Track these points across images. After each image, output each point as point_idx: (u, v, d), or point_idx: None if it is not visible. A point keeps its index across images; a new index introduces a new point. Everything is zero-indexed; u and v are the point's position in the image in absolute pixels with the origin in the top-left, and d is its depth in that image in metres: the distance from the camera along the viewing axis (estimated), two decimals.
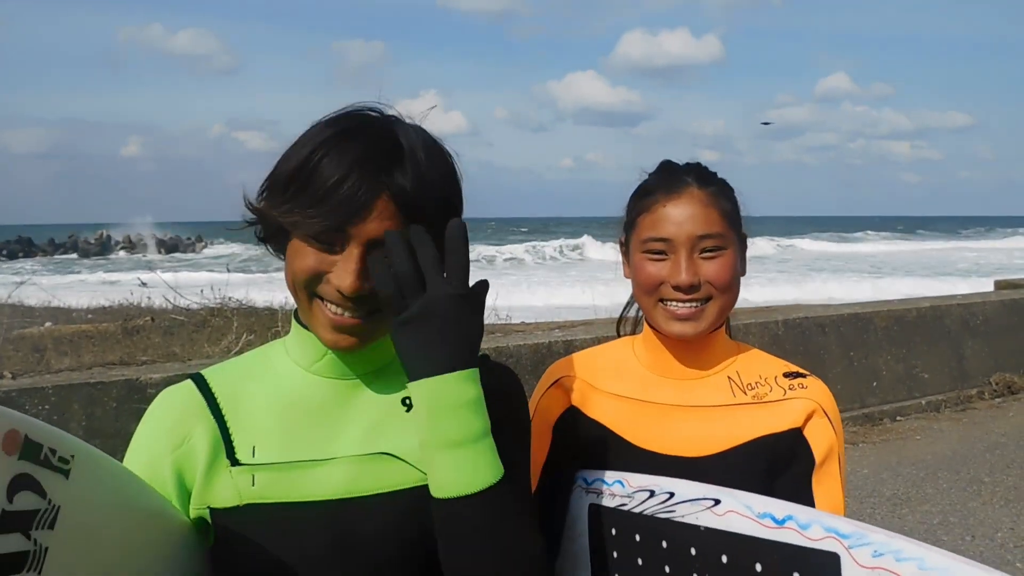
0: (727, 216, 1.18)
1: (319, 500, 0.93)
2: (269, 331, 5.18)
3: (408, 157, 0.91)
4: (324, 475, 0.94)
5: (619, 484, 1.12)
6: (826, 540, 0.92)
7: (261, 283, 9.97)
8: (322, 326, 0.93)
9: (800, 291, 19.70)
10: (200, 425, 0.96)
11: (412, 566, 0.94)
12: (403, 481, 0.95)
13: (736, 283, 1.19)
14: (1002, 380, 6.77)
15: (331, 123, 0.94)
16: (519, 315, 7.09)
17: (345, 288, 0.89)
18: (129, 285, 7.81)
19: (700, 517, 1.02)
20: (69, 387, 3.50)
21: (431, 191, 0.92)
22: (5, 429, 0.70)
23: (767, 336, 5.67)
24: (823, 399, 1.18)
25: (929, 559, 0.84)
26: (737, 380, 1.21)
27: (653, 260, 1.17)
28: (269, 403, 0.98)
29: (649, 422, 1.20)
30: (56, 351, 4.45)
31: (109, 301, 8.10)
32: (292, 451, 0.95)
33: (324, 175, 0.88)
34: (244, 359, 1.05)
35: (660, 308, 1.18)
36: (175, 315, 5.95)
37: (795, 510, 0.97)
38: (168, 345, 4.69)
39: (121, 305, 7.34)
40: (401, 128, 0.95)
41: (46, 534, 0.73)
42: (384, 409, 0.99)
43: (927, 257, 36.68)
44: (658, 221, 1.17)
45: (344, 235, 0.89)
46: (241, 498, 0.93)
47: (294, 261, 0.92)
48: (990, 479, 4.88)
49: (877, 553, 0.87)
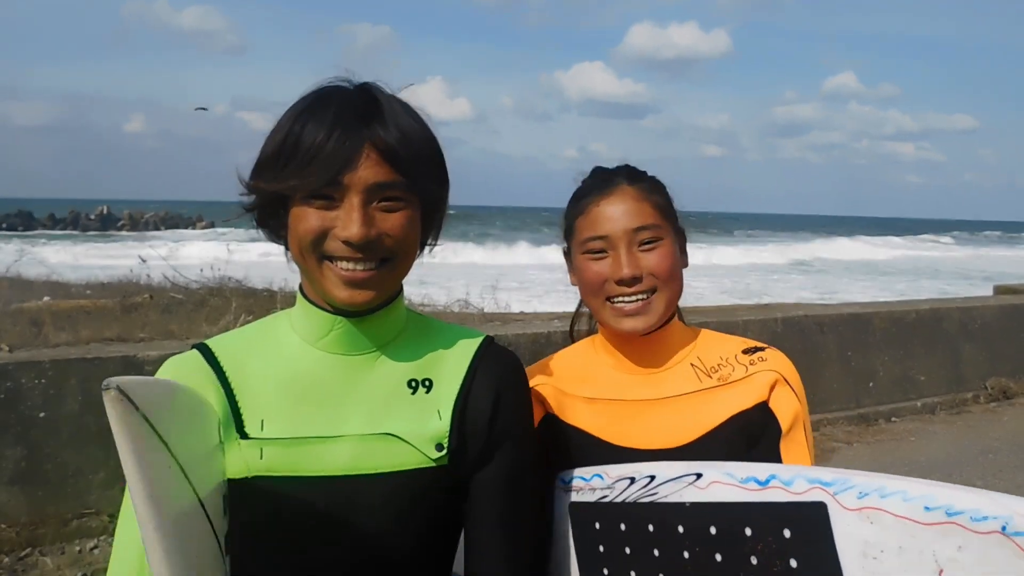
0: (660, 209, 1.20)
1: (324, 475, 0.96)
2: (267, 311, 5.15)
3: (386, 110, 0.95)
4: (330, 452, 0.96)
5: (598, 477, 1.12)
6: (811, 491, 0.93)
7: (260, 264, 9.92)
8: (335, 285, 0.94)
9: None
10: (210, 397, 0.97)
11: (407, 534, 0.98)
12: (405, 462, 0.98)
13: (678, 273, 1.21)
14: (998, 385, 6.78)
15: (305, 97, 0.97)
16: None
17: (353, 236, 0.91)
18: (129, 262, 7.79)
19: (684, 494, 1.03)
20: (66, 362, 3.50)
21: (413, 143, 0.95)
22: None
23: (766, 334, 5.66)
24: (783, 368, 1.21)
25: (912, 489, 0.86)
26: (700, 365, 1.23)
27: (594, 259, 1.20)
28: (276, 377, 0.99)
29: (624, 420, 1.21)
30: (54, 326, 4.44)
31: (108, 277, 8.08)
32: (300, 427, 0.97)
33: (308, 138, 0.91)
34: (247, 331, 1.06)
35: (608, 307, 1.20)
36: (174, 293, 5.94)
37: (776, 469, 0.98)
38: (166, 323, 4.68)
39: (120, 282, 7.32)
40: (375, 88, 0.98)
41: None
42: (389, 389, 1.00)
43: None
44: (594, 220, 1.20)
45: (340, 187, 0.92)
46: (249, 470, 0.95)
47: (297, 226, 0.94)
48: (982, 483, 4.88)
49: (862, 494, 0.89)
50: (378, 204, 0.94)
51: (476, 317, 5.71)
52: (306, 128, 0.92)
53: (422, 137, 0.98)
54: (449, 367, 1.03)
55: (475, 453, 1.01)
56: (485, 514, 1.01)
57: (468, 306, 6.24)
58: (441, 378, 1.02)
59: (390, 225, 0.94)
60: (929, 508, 0.84)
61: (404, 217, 0.96)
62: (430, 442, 0.99)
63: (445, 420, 0.99)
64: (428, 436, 0.99)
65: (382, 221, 0.94)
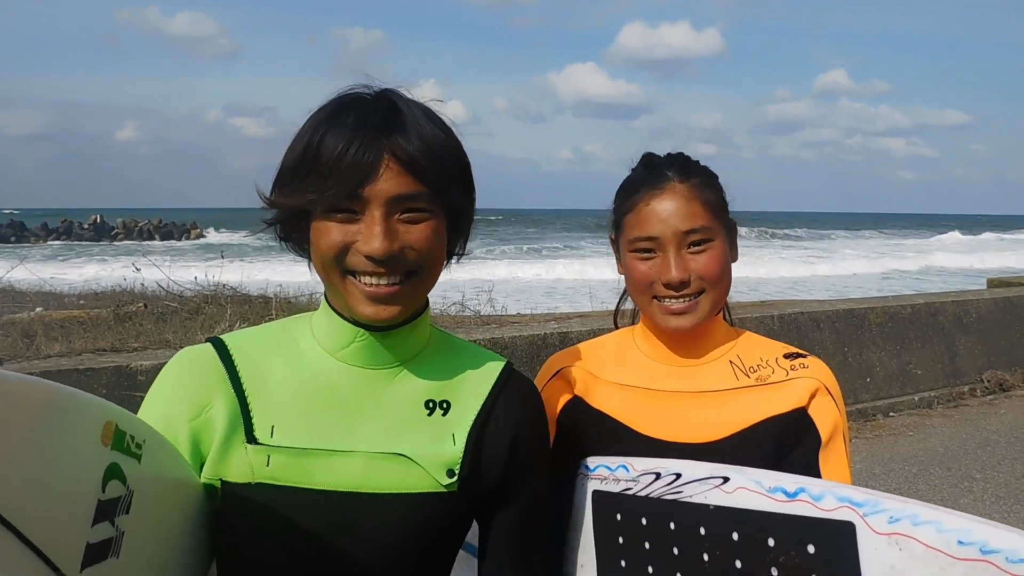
0: (712, 207, 1.17)
1: (330, 490, 0.94)
2: (263, 318, 5.14)
3: (407, 119, 0.91)
4: (339, 466, 0.94)
5: (623, 469, 1.11)
6: (840, 510, 0.90)
7: (255, 271, 9.90)
8: (360, 301, 0.92)
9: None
10: (220, 396, 0.95)
11: (407, 556, 0.96)
12: (414, 484, 0.96)
13: (727, 273, 1.18)
14: (994, 377, 6.80)
15: (324, 107, 0.94)
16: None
17: (375, 251, 0.89)
18: (122, 271, 7.75)
19: (709, 496, 1.01)
20: (58, 373, 3.47)
21: (436, 151, 0.92)
22: (104, 421, 0.71)
23: (762, 330, 5.64)
24: (825, 378, 1.19)
25: (947, 521, 0.83)
26: (739, 364, 1.21)
27: (643, 259, 1.17)
28: (291, 383, 0.97)
29: (654, 410, 1.20)
30: (47, 337, 4.41)
31: (101, 287, 8.04)
32: (311, 437, 0.95)
33: (328, 149, 0.89)
34: (266, 330, 1.04)
35: (655, 304, 1.18)
36: (168, 302, 5.90)
37: (807, 482, 0.95)
38: (160, 332, 4.65)
39: (113, 291, 7.28)
40: (396, 95, 0.95)
41: (124, 519, 0.75)
42: (406, 408, 0.98)
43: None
44: (644, 220, 1.17)
45: (361, 200, 0.89)
46: (254, 476, 0.93)
47: (319, 241, 0.92)
48: (981, 476, 4.90)
49: (893, 519, 0.86)
50: (401, 216, 0.91)
51: (472, 320, 5.70)
52: (325, 140, 0.89)
53: (445, 145, 0.94)
54: (468, 391, 1.01)
55: (489, 483, 0.99)
56: (499, 548, 1.00)
57: (464, 309, 6.22)
58: (459, 401, 1.00)
59: (414, 238, 0.91)
60: (963, 543, 0.81)
61: (428, 229, 0.92)
62: (442, 467, 0.96)
63: (459, 446, 0.97)
64: (440, 461, 0.97)
65: (405, 234, 0.91)
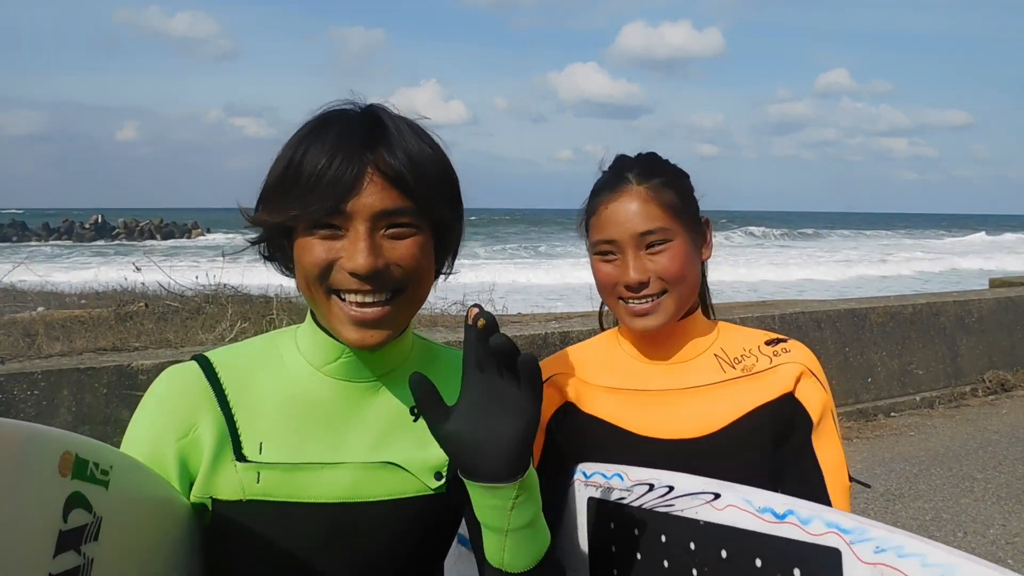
0: (671, 208, 1.17)
1: (321, 502, 0.94)
2: (264, 318, 5.15)
3: (392, 133, 0.90)
4: (329, 479, 0.94)
5: (618, 477, 1.11)
6: (827, 535, 0.90)
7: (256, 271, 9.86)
8: (344, 325, 0.91)
9: None
10: (207, 415, 0.94)
11: (400, 555, 0.97)
12: (404, 490, 0.97)
13: (690, 273, 1.19)
14: (995, 377, 6.79)
15: (307, 123, 0.94)
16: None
17: (359, 267, 0.87)
18: (123, 271, 7.76)
19: (700, 511, 1.02)
20: (59, 372, 3.47)
21: (423, 166, 0.90)
22: (60, 452, 0.70)
23: (763, 330, 5.65)
24: (808, 360, 1.21)
25: (932, 556, 0.82)
26: (724, 356, 1.23)
27: (606, 261, 1.19)
28: (278, 399, 0.96)
29: (646, 409, 1.20)
30: (48, 336, 4.41)
31: (103, 286, 8.05)
32: (299, 452, 0.94)
33: (310, 164, 0.88)
34: (250, 346, 1.03)
35: (621, 306, 1.20)
36: (169, 301, 5.91)
37: (796, 505, 0.95)
38: (161, 331, 4.66)
39: (115, 291, 7.30)
40: (381, 110, 0.94)
41: (92, 546, 0.74)
42: (392, 417, 0.99)
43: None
44: (603, 223, 1.18)
45: (344, 215, 0.88)
46: (244, 493, 0.92)
47: (303, 258, 0.90)
48: (982, 476, 4.89)
49: (879, 549, 0.86)
50: (386, 232, 0.89)
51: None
52: (307, 155, 0.88)
53: (432, 160, 0.92)
54: (450, 394, 1.01)
55: None
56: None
57: (464, 310, 6.21)
58: None
59: (399, 254, 0.89)
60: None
61: (414, 245, 0.90)
62: (429, 471, 0.97)
63: None
64: (428, 465, 0.98)
65: (390, 250, 0.89)
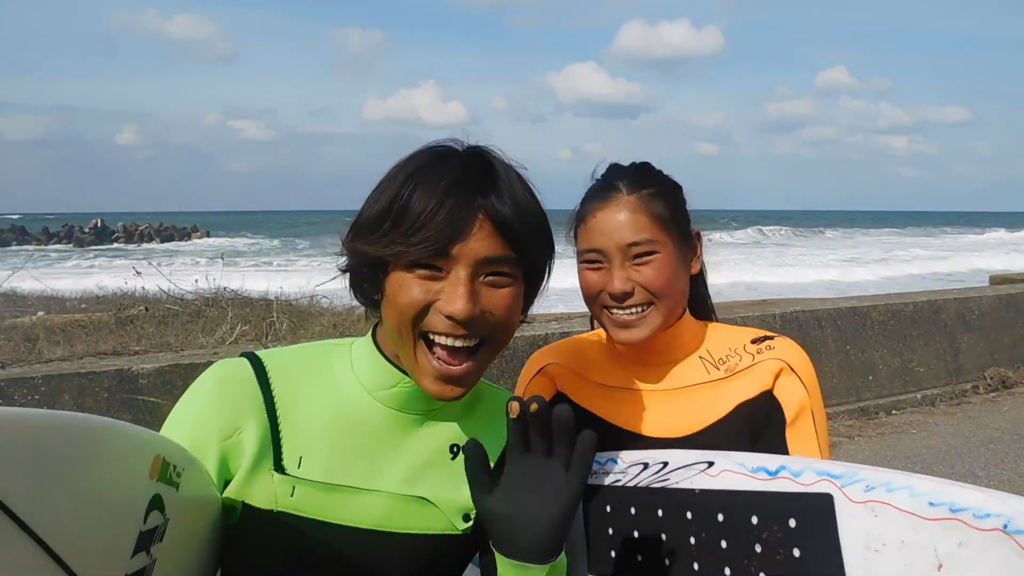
0: (659, 219, 1.17)
1: (350, 526, 0.94)
2: (264, 321, 5.15)
3: (502, 180, 0.90)
4: (362, 505, 0.94)
5: (612, 462, 1.13)
6: (819, 483, 0.94)
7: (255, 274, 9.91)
8: (427, 376, 0.91)
9: None
10: (253, 420, 0.93)
11: None
12: (432, 526, 0.97)
13: (675, 285, 1.19)
14: (997, 375, 6.77)
15: (412, 159, 0.92)
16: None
17: (457, 312, 0.87)
18: (124, 274, 7.77)
19: (695, 481, 1.04)
20: (60, 377, 3.47)
21: (528, 216, 0.91)
22: (154, 455, 0.71)
23: (764, 329, 5.65)
24: (791, 356, 1.21)
25: (919, 486, 0.87)
26: (708, 358, 1.25)
27: (592, 270, 1.19)
28: (323, 415, 0.96)
29: (634, 408, 1.23)
30: (48, 341, 4.42)
31: (103, 290, 8.06)
32: (336, 473, 0.94)
33: (419, 203, 0.87)
34: (304, 354, 1.02)
35: (606, 315, 1.20)
36: (169, 305, 5.91)
37: (787, 461, 0.99)
38: (162, 335, 4.66)
39: (115, 294, 7.30)
40: (490, 154, 0.93)
41: (158, 547, 0.74)
42: (431, 452, 0.99)
43: None
44: (590, 232, 1.19)
45: (448, 258, 0.87)
46: (277, 504, 0.92)
47: (398, 296, 0.89)
48: (984, 473, 4.88)
49: (869, 487, 0.90)
50: (484, 279, 0.89)
51: None
52: (416, 192, 0.87)
53: (535, 211, 0.93)
54: (491, 436, 1.01)
55: None
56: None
57: None
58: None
59: (495, 303, 0.90)
60: (934, 504, 0.85)
61: (510, 296, 0.91)
62: (458, 512, 0.98)
63: None
64: (458, 505, 0.98)
65: (487, 297, 0.89)
